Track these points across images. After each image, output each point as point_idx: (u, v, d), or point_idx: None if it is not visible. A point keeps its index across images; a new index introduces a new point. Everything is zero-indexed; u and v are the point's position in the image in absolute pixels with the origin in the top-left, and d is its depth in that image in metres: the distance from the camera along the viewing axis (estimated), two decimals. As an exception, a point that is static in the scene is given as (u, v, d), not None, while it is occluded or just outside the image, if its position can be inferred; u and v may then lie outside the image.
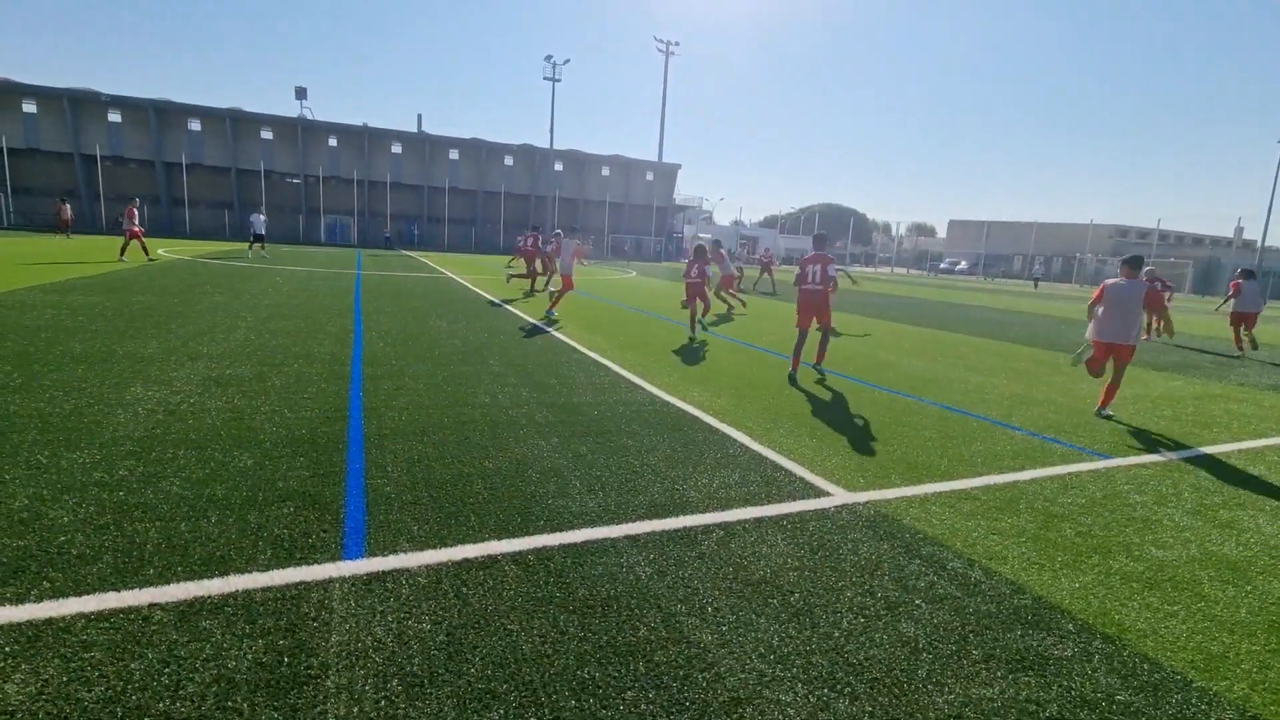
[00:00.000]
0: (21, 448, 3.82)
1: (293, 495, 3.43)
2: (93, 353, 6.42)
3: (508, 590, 2.68)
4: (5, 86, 45.93)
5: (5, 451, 3.75)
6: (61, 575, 2.57)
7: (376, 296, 13.37)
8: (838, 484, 4.07)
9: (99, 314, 8.86)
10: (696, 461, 4.33)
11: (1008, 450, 5.00)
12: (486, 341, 8.53)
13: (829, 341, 7.80)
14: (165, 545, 2.84)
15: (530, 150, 60.09)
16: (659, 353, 8.48)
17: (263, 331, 8.23)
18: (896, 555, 3.18)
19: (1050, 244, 63.10)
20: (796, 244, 79.08)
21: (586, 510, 3.47)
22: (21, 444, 3.88)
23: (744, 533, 3.33)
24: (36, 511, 3.06)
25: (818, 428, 5.32)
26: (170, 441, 4.09)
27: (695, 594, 2.74)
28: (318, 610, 2.46)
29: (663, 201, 66.29)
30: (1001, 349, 10.94)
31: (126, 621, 2.32)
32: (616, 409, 5.52)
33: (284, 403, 5.09)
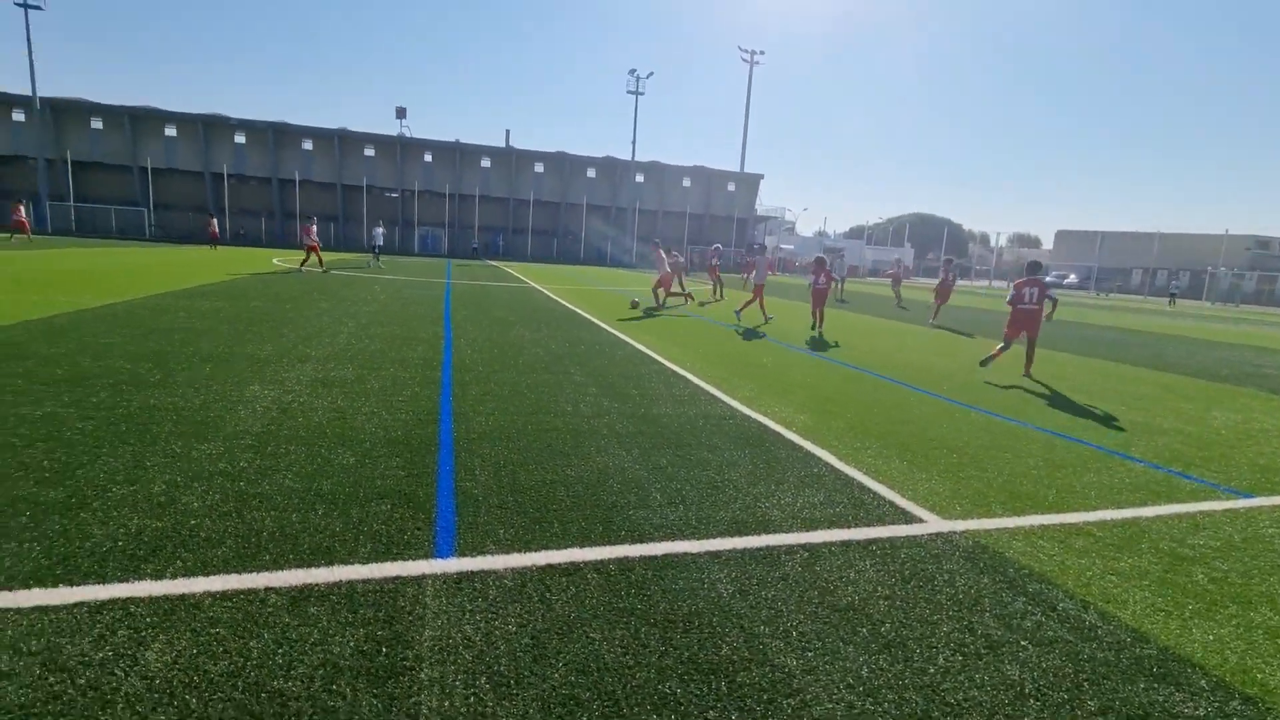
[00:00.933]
0: (160, 438, 4.25)
1: (389, 493, 3.62)
2: (217, 353, 7.06)
3: (590, 598, 2.71)
4: (150, 113, 51.66)
5: (147, 440, 4.18)
6: (192, 555, 2.82)
7: (464, 305, 13.98)
8: (931, 510, 3.86)
9: (223, 318, 9.74)
10: (779, 479, 4.23)
11: (1126, 483, 4.59)
12: (568, 351, 8.73)
13: (1034, 351, 9.16)
14: (279, 534, 3.06)
15: (612, 163, 61.26)
16: (739, 365, 8.38)
17: (363, 336, 8.78)
18: (999, 590, 2.98)
19: (1176, 256, 57.68)
20: (884, 255, 76.06)
21: (667, 523, 3.46)
22: (160, 434, 4.31)
23: (830, 556, 3.21)
24: (172, 496, 3.38)
25: (908, 449, 5.08)
26: (283, 437, 4.42)
27: (779, 616, 2.67)
28: (412, 605, 2.58)
29: (744, 212, 65.77)
30: (1117, 371, 10.08)
31: (246, 602, 2.51)
32: (696, 422, 5.49)
33: (381, 404, 5.39)
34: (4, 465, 3.62)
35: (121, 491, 3.39)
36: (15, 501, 3.19)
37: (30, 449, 3.89)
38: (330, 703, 2.02)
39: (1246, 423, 6.81)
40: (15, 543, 2.82)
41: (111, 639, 2.24)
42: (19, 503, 3.18)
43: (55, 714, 1.90)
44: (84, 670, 2.08)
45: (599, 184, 61.68)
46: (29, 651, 2.15)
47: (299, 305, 11.92)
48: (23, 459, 3.73)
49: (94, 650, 2.18)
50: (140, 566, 2.70)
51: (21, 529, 2.94)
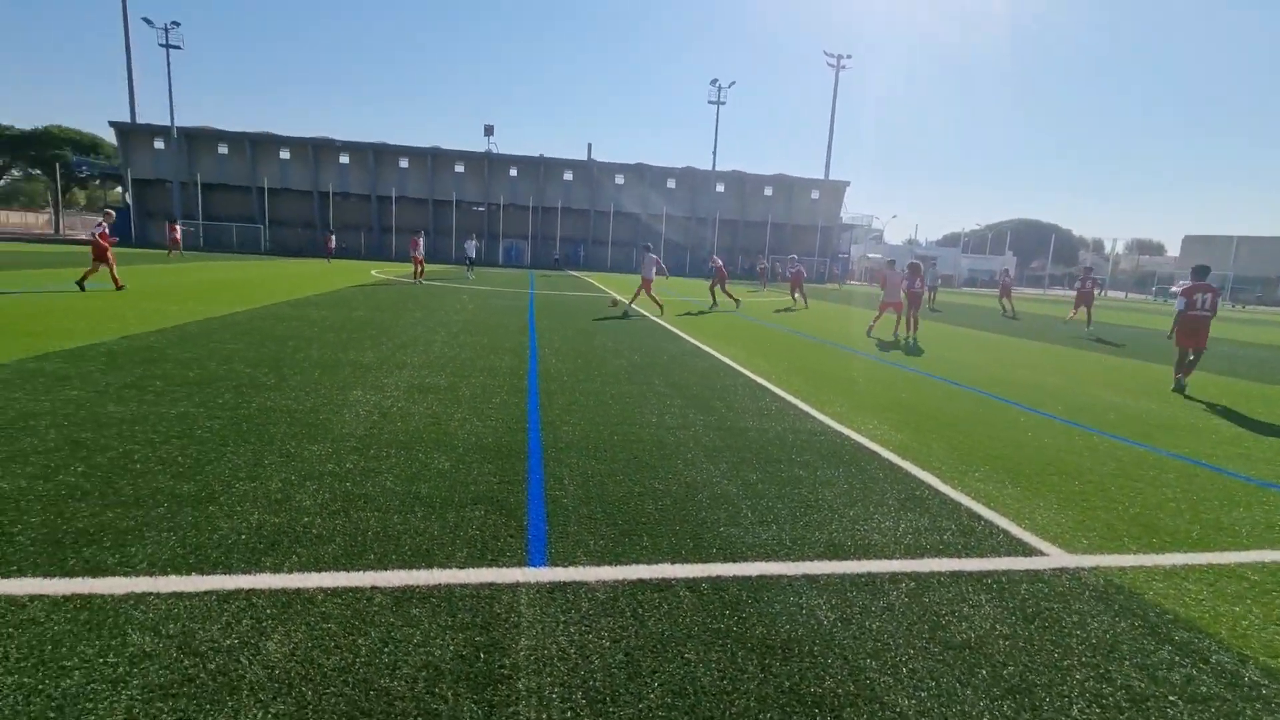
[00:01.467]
0: (276, 439, 4.55)
1: (483, 499, 3.69)
2: (325, 360, 7.54)
3: (684, 617, 2.64)
4: (267, 138, 56.55)
5: (265, 440, 4.48)
6: (305, 551, 2.97)
7: (548, 315, 14.32)
8: (1053, 542, 3.54)
9: (329, 326, 10.42)
10: (878, 501, 4.01)
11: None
12: (650, 361, 8.72)
13: (1198, 362, 8.95)
14: (382, 534, 3.19)
15: (692, 173, 61.36)
16: (828, 379, 8.09)
17: (454, 345, 9.14)
18: (1139, 637, 2.67)
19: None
20: (982, 265, 71.72)
21: (760, 542, 3.34)
22: (276, 435, 4.62)
23: (939, 587, 2.99)
24: (287, 494, 3.60)
25: (1021, 474, 4.69)
26: (384, 441, 4.63)
27: (886, 649, 2.49)
28: (508, 612, 2.60)
29: (828, 221, 64.08)
30: (1264, 393, 8.98)
31: (354, 599, 2.61)
32: (786, 437, 5.32)
33: (473, 411, 5.56)
34: (146, 460, 3.97)
35: (244, 487, 3.64)
36: (155, 493, 3.49)
37: (167, 445, 4.26)
38: (433, 705, 2.05)
39: None
40: (156, 532, 3.07)
41: (237, 627, 2.38)
42: (158, 494, 3.48)
43: (189, 695, 2.03)
44: (214, 656, 2.22)
45: (679, 194, 61.89)
46: (168, 634, 2.32)
47: (396, 315, 12.59)
48: (161, 454, 4.08)
49: (223, 637, 2.32)
50: (261, 559, 2.87)
51: (160, 519, 3.20)
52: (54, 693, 2.01)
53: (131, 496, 3.43)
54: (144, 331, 8.68)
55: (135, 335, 8.35)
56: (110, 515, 3.20)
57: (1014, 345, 13.65)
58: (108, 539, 2.96)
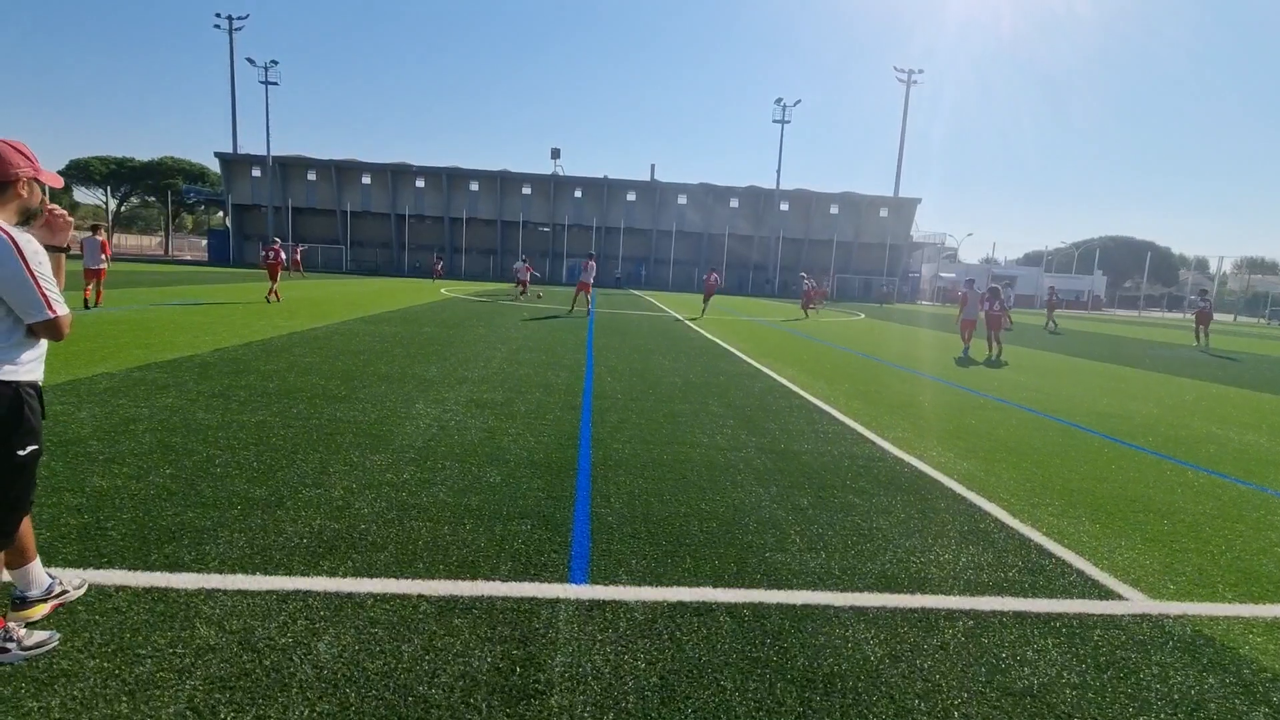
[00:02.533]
0: (341, 448, 4.78)
1: (530, 513, 3.75)
2: (392, 374, 7.89)
3: (722, 643, 2.58)
4: (351, 165, 60.28)
5: (331, 450, 4.72)
6: (360, 557, 3.10)
7: (606, 333, 14.49)
8: (1134, 586, 3.26)
9: (398, 341, 10.92)
10: (937, 532, 3.81)
11: None
12: (706, 381, 8.67)
13: None
14: (432, 544, 3.28)
15: (756, 192, 61.12)
16: (891, 403, 7.80)
17: (512, 362, 9.39)
18: (1230, 695, 2.41)
19: None
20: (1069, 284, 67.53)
21: (807, 570, 3.24)
22: (341, 445, 4.86)
23: (1000, 627, 2.81)
24: (347, 502, 3.77)
25: (1102, 510, 4.36)
26: (441, 453, 4.79)
27: (937, 690, 2.36)
28: (546, 627, 2.62)
29: (897, 239, 62.29)
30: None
31: (401, 606, 2.70)
32: (841, 462, 5.15)
33: (527, 427, 5.68)
34: (226, 464, 4.26)
35: (310, 493, 3.84)
36: (231, 496, 3.73)
37: (245, 451, 4.56)
38: (467, 716, 2.08)
39: None
40: (228, 532, 3.28)
41: (293, 627, 2.50)
42: (234, 497, 3.72)
43: (245, 689, 2.14)
44: (270, 653, 2.34)
45: (742, 213, 61.70)
46: (230, 630, 2.46)
47: (460, 331, 13.06)
48: (239, 459, 4.37)
49: (279, 635, 2.44)
50: (319, 563, 3.01)
51: (233, 521, 3.41)
52: (128, 677, 2.16)
53: (211, 498, 3.68)
54: (234, 345, 9.36)
55: (226, 348, 9.01)
56: (191, 515, 3.44)
57: (1098, 370, 12.76)
58: (187, 537, 3.18)
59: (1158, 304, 71.49)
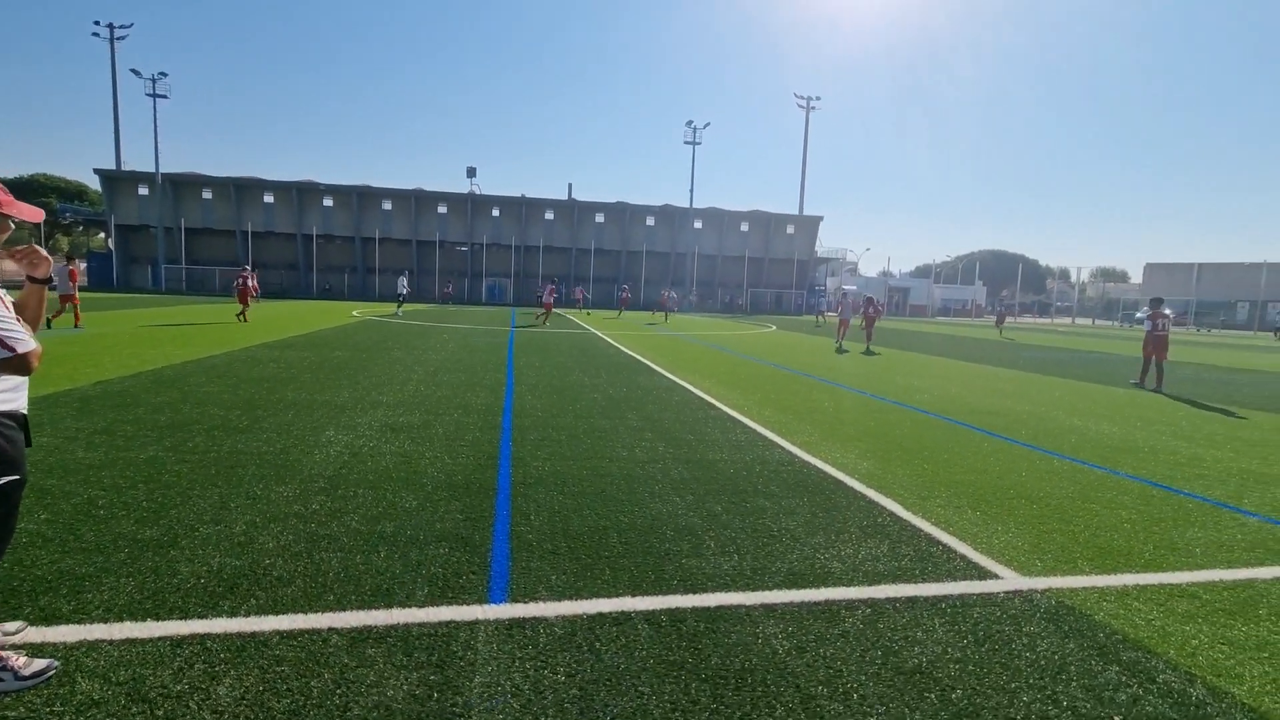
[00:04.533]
0: (244, 481, 4.54)
1: (448, 536, 3.71)
2: (300, 400, 7.53)
3: (640, 650, 2.67)
4: (252, 183, 56.97)
5: (232, 483, 4.48)
6: (265, 594, 2.97)
7: (527, 352, 14.39)
8: (1008, 565, 3.61)
9: (305, 367, 10.41)
10: (839, 529, 4.08)
11: (1239, 540, 4.16)
12: (625, 396, 8.80)
13: (1163, 373, 12.01)
14: (343, 575, 3.19)
15: (671, 210, 62.53)
16: (799, 410, 8.20)
17: (430, 383, 9.17)
18: (1087, 658, 2.73)
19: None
20: (955, 294, 73.61)
21: (721, 573, 3.39)
22: (244, 478, 4.61)
23: (894, 612, 3.05)
24: (250, 537, 3.59)
25: (982, 499, 4.79)
26: (352, 480, 4.64)
27: (838, 676, 2.54)
28: (464, 650, 2.61)
29: (804, 254, 65.37)
30: (1223, 414, 9.23)
31: (309, 641, 2.61)
32: (753, 467, 5.39)
33: (445, 449, 5.58)
34: (111, 505, 3.95)
35: (207, 531, 3.64)
36: (117, 539, 3.47)
37: (133, 489, 4.24)
38: (382, 746, 2.06)
39: (1382, 472, 6.06)
40: (114, 577, 3.05)
41: (189, 673, 2.38)
42: (120, 540, 3.46)
43: (135, 743, 2.02)
44: (163, 702, 2.21)
45: (658, 231, 62.93)
46: (117, 681, 2.31)
47: (374, 354, 12.60)
48: (126, 499, 4.06)
49: (173, 683, 2.31)
50: (219, 603, 2.87)
51: (119, 565, 3.18)
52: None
53: (93, 542, 3.41)
54: (119, 376, 8.63)
55: (110, 380, 8.30)
56: (70, 562, 3.18)
57: (980, 372, 13.90)
58: (65, 586, 2.95)
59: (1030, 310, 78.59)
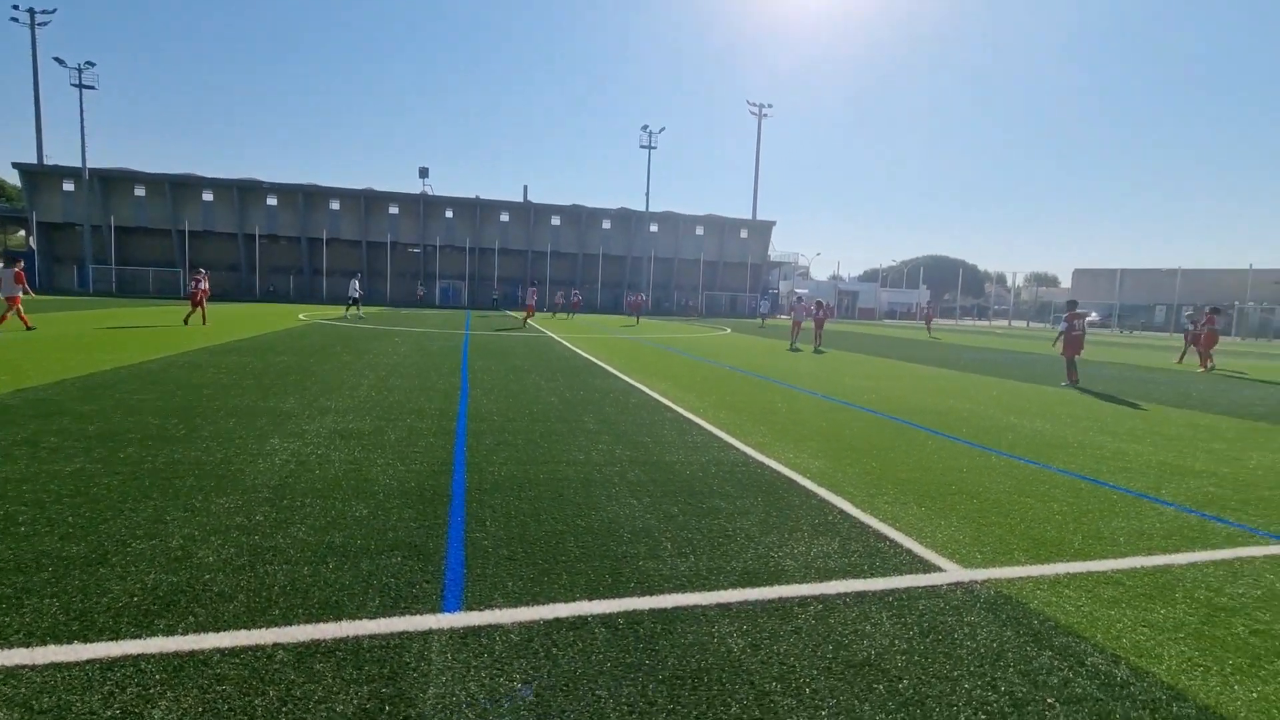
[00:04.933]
0: (181, 493, 4.34)
1: (400, 545, 3.63)
2: (242, 407, 7.24)
3: (597, 654, 2.67)
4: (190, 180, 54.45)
5: (168, 495, 4.27)
6: (204, 611, 2.85)
7: (482, 355, 14.19)
8: (951, 559, 3.76)
9: (249, 372, 10.01)
10: (792, 527, 4.17)
11: (1158, 528, 4.43)
12: (582, 399, 8.78)
13: (1075, 370, 13.09)
14: (290, 588, 3.09)
15: (627, 214, 62.68)
16: (753, 411, 8.34)
17: (382, 388, 8.94)
18: (1023, 644, 2.87)
19: (1200, 293, 56.79)
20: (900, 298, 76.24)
21: (677, 574, 3.42)
22: (181, 489, 4.40)
23: (844, 608, 3.14)
24: (188, 551, 3.44)
25: (926, 495, 4.98)
26: (299, 490, 4.49)
27: (791, 672, 2.60)
28: (417, 661, 2.56)
29: (757, 258, 66.48)
30: (1144, 411, 9.82)
31: (254, 659, 2.52)
32: (709, 469, 5.46)
33: (397, 456, 5.46)
34: (33, 522, 3.72)
35: (141, 546, 3.46)
36: (40, 557, 3.27)
37: (58, 505, 4.00)
38: (331, 763, 2.00)
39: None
40: (37, 599, 2.87)
41: (120, 696, 2.26)
42: (43, 559, 3.26)
43: (60, 774, 1.91)
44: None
45: (614, 234, 63.01)
46: (39, 709, 2.18)
47: (322, 359, 12.20)
48: (50, 515, 3.83)
49: (102, 708, 2.19)
50: (154, 622, 2.73)
51: (43, 585, 3.00)
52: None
53: (11, 562, 3.21)
54: (43, 384, 8.12)
55: (31, 389, 7.79)
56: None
57: (923, 373, 14.42)
58: (-21, 611, 2.76)
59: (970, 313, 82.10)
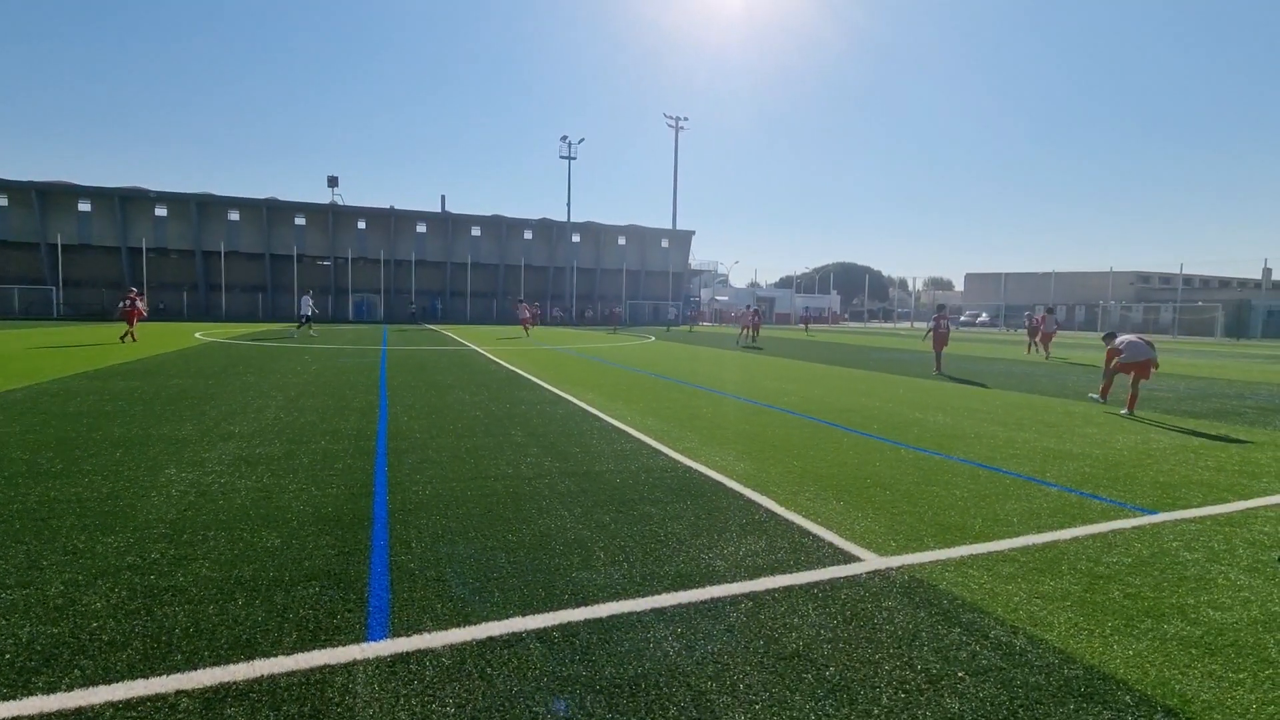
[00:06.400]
0: (60, 533, 3.91)
1: (319, 574, 3.43)
2: (130, 437, 6.62)
3: (532, 670, 2.62)
4: (64, 188, 49.43)
5: (44, 538, 3.84)
6: (92, 663, 2.58)
7: (402, 371, 13.66)
8: (868, 548, 3.96)
9: (137, 398, 9.17)
10: (721, 529, 4.26)
11: (1044, 508, 4.85)
12: (509, 412, 8.62)
13: (941, 361, 15.84)
14: (193, 629, 2.85)
15: (548, 224, 62.26)
16: (680, 417, 8.47)
17: (292, 410, 8.43)
18: (935, 624, 3.06)
19: (1071, 293, 62.75)
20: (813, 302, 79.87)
21: (611, 583, 3.42)
22: (60, 530, 3.98)
23: (773, 603, 3.24)
24: (71, 598, 3.10)
25: (845, 490, 5.22)
26: (201, 523, 4.16)
27: (726, 670, 2.65)
28: (341, 695, 2.43)
29: (678, 267, 67.67)
30: (1029, 401, 10.73)
31: (153, 711, 2.31)
32: (639, 476, 5.49)
33: (311, 480, 5.16)
34: None
35: (11, 597, 3.09)
36: (-118, 618, 2.86)
37: (-97, 557, 3.51)
38: (247, 813, 1.86)
39: (1145, 444, 7.35)
40: (-121, 666, 2.51)
41: (-9, 767, 2.01)
42: (-114, 619, 2.85)
43: None
44: (-44, 807, 1.85)
45: (536, 245, 62.43)
46: (-111, 792, 1.90)
47: (223, 380, 11.37)
48: (-106, 569, 3.36)
49: (-31, 782, 1.94)
50: (31, 680, 2.45)
51: (-112, 649, 2.62)
52: None
53: None
54: (-124, 421, 7.10)
55: None
56: None
57: (837, 373, 15.17)
58: None
59: (876, 316, 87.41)
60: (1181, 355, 24.59)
